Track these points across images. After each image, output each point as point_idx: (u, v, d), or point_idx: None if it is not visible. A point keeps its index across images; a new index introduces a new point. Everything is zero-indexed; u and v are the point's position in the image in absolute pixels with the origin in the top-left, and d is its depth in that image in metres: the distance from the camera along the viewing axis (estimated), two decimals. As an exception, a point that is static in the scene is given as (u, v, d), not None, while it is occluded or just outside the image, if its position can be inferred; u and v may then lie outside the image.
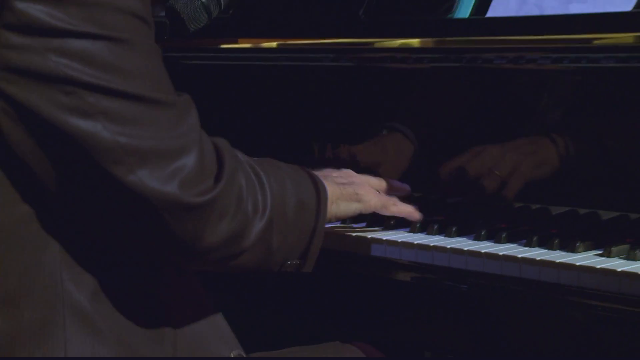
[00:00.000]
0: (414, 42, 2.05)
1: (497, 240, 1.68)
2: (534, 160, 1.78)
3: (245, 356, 1.53)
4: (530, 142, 1.80)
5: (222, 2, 1.64)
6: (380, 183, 1.75)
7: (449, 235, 1.74)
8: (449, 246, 1.68)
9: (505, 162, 1.79)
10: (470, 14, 1.96)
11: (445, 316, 1.75)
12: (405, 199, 1.85)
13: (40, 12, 1.16)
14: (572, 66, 1.77)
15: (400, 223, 1.83)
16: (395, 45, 2.09)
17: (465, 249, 1.65)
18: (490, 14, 1.93)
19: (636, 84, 1.69)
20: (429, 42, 2.02)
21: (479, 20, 1.94)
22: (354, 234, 1.81)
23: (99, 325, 1.30)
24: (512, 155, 1.79)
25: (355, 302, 1.83)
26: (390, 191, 1.78)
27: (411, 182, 1.91)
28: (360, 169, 1.89)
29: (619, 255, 1.55)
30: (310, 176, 1.55)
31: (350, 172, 1.74)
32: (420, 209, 1.83)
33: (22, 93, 1.18)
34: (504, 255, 1.60)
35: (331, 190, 1.59)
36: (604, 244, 1.60)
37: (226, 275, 1.74)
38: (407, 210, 1.75)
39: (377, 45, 2.10)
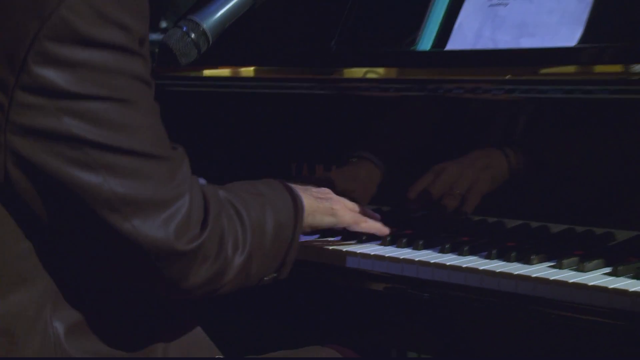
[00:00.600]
0: (380, 71, 2.09)
1: (460, 253, 1.69)
2: (488, 178, 1.81)
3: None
4: (485, 163, 1.83)
5: (210, 39, 1.66)
6: (354, 206, 1.78)
7: (416, 248, 1.75)
8: (417, 259, 1.69)
9: (464, 181, 1.82)
10: (432, 47, 1.98)
11: (413, 322, 1.77)
12: (378, 212, 1.88)
13: (54, 76, 1.18)
14: (523, 97, 1.82)
15: (372, 237, 1.84)
16: (361, 75, 2.12)
17: (432, 261, 1.67)
18: (449, 47, 1.95)
19: (580, 112, 1.75)
20: (393, 71, 2.08)
21: (439, 52, 1.97)
22: (330, 247, 1.82)
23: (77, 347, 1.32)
24: (469, 174, 1.82)
25: (331, 309, 1.85)
26: (363, 214, 1.80)
27: (380, 197, 1.95)
28: (333, 188, 1.90)
29: (569, 267, 1.58)
30: (289, 192, 1.58)
31: (328, 190, 1.77)
32: (389, 223, 1.86)
33: (33, 149, 1.20)
34: (467, 268, 1.63)
35: (308, 203, 1.62)
36: (556, 256, 1.63)
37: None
38: (377, 227, 1.79)
39: (346, 74, 2.13)
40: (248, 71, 2.20)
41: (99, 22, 1.20)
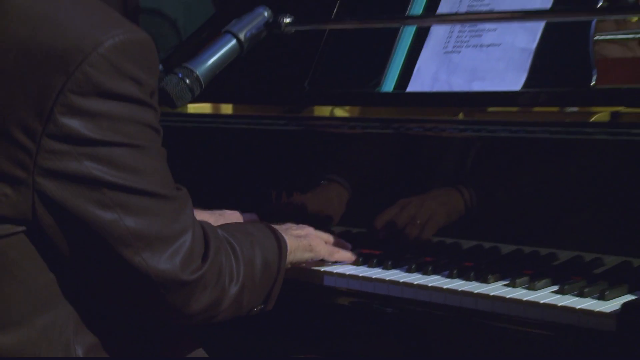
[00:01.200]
0: (349, 110, 2.14)
1: (425, 272, 1.68)
2: (446, 209, 1.82)
3: None
4: (443, 200, 1.84)
5: (203, 84, 1.67)
6: (329, 237, 1.79)
7: (385, 268, 1.74)
8: (387, 278, 1.68)
9: (424, 213, 1.82)
10: (394, 88, 1.99)
11: (384, 334, 1.76)
12: (348, 234, 1.90)
13: (77, 125, 1.18)
14: (474, 135, 1.83)
15: None
16: (331, 113, 2.16)
17: (401, 280, 1.66)
18: (410, 89, 1.97)
19: (523, 149, 1.77)
20: (360, 110, 2.11)
21: (401, 94, 1.98)
22: (310, 267, 1.79)
23: None
24: (429, 207, 1.83)
25: (311, 323, 1.84)
26: (336, 245, 1.81)
27: (351, 220, 1.95)
28: (308, 212, 1.95)
29: (521, 285, 1.58)
30: (273, 234, 1.58)
31: (306, 226, 1.77)
32: (360, 243, 1.88)
33: (58, 189, 1.20)
34: (432, 287, 1.62)
35: (290, 243, 1.62)
36: (509, 276, 1.63)
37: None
38: (347, 256, 1.78)
39: (317, 112, 2.16)
40: (228, 108, 2.22)
41: (117, 77, 1.21)
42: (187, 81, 1.65)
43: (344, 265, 1.80)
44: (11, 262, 1.24)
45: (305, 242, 1.71)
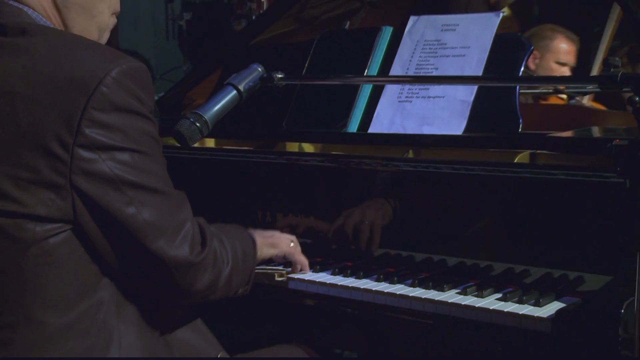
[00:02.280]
0: (319, 146, 2.12)
1: (391, 282, 1.67)
2: (381, 215, 1.83)
3: (229, 356, 1.58)
4: (379, 206, 1.85)
5: (210, 126, 1.67)
6: (292, 237, 1.79)
7: (358, 277, 1.72)
8: (361, 287, 1.67)
9: (367, 217, 1.84)
10: (357, 129, 1.99)
11: (354, 332, 1.77)
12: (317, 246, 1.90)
13: (100, 136, 1.25)
14: (423, 170, 1.84)
15: (323, 268, 1.82)
16: (305, 149, 2.15)
17: (373, 289, 1.65)
18: (371, 130, 1.96)
19: (463, 183, 1.78)
20: (329, 147, 2.08)
21: (363, 134, 1.97)
22: (295, 277, 1.77)
23: (133, 339, 1.36)
24: (370, 213, 1.85)
25: (296, 321, 1.84)
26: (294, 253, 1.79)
27: (328, 239, 1.93)
28: (280, 226, 1.95)
29: (471, 293, 1.58)
30: (248, 234, 1.61)
31: (274, 231, 1.79)
32: (336, 256, 1.89)
33: (89, 188, 1.25)
34: (399, 294, 1.61)
35: (259, 241, 1.64)
36: (459, 285, 1.64)
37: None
38: (303, 261, 1.77)
39: (293, 148, 2.14)
40: (222, 142, 2.21)
41: (124, 95, 1.27)
42: (198, 124, 1.65)
43: (323, 274, 1.78)
44: (62, 256, 1.27)
45: (270, 240, 1.73)
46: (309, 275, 1.76)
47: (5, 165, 1.23)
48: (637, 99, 1.26)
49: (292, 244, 1.78)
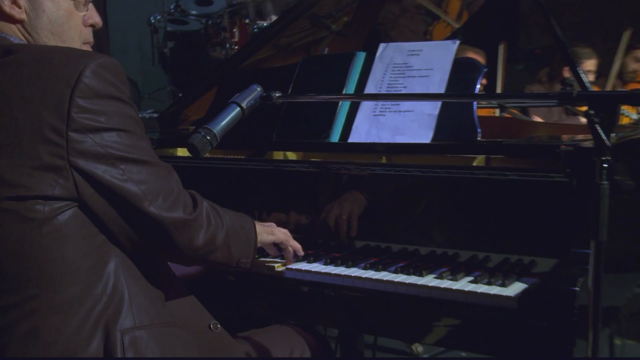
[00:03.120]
0: (305, 155, 2.13)
1: (377, 269, 1.67)
2: (361, 212, 1.84)
3: (219, 326, 1.56)
4: (359, 205, 1.85)
5: (219, 139, 1.66)
6: (286, 231, 1.77)
7: (347, 267, 1.71)
8: (352, 275, 1.65)
9: (350, 214, 1.85)
10: (339, 139, 1.99)
11: (347, 313, 1.73)
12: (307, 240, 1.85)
13: (87, 120, 1.26)
14: (395, 174, 1.83)
15: (317, 259, 1.79)
16: (293, 157, 2.15)
17: (363, 276, 1.64)
18: (350, 140, 1.97)
19: (430, 184, 1.78)
20: (314, 155, 2.09)
21: (344, 143, 1.97)
22: (294, 267, 1.75)
23: (142, 300, 1.35)
24: (352, 210, 1.85)
25: (292, 304, 1.80)
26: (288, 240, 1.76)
27: (316, 233, 1.93)
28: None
29: (446, 277, 1.59)
30: (246, 216, 1.61)
31: (271, 223, 1.77)
32: (326, 249, 1.87)
33: (86, 166, 1.26)
34: (386, 280, 1.60)
35: (258, 227, 1.63)
36: (435, 270, 1.65)
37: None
38: (297, 246, 1.75)
39: (283, 156, 2.14)
40: (218, 152, 2.16)
41: (103, 83, 1.29)
42: (208, 137, 1.64)
43: (317, 264, 1.76)
44: (72, 230, 1.26)
45: (268, 229, 1.71)
46: (304, 266, 1.74)
47: (10, 159, 1.23)
48: (591, 112, 1.28)
49: (284, 233, 1.77)
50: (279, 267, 1.75)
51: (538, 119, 3.69)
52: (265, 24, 5.75)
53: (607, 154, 1.29)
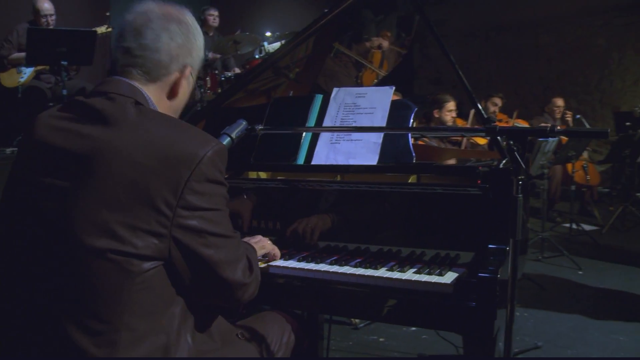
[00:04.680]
0: (276, 175, 2.07)
1: (340, 264, 1.61)
2: (322, 219, 1.79)
3: (245, 334, 1.45)
4: (321, 213, 1.79)
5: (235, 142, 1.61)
6: (270, 243, 1.68)
7: (317, 263, 1.63)
8: (322, 269, 1.59)
9: (313, 221, 1.79)
10: (304, 162, 1.94)
11: (315, 299, 1.64)
12: (281, 242, 1.79)
13: (195, 200, 1.14)
14: (348, 189, 1.80)
15: (291, 257, 1.71)
16: (266, 176, 2.10)
17: (330, 270, 1.58)
18: (313, 162, 1.92)
19: (375, 196, 1.74)
20: (283, 175, 2.03)
21: (308, 165, 1.92)
22: (273, 264, 1.66)
23: (190, 340, 1.23)
24: (314, 218, 1.78)
25: (278, 294, 1.68)
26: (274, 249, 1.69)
27: (286, 236, 1.85)
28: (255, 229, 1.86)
29: (395, 269, 1.54)
30: (252, 247, 1.47)
31: (258, 236, 1.68)
32: (296, 248, 1.79)
33: (183, 238, 1.14)
34: (349, 273, 1.55)
35: (256, 247, 1.52)
36: (386, 264, 1.60)
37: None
38: (278, 253, 1.68)
39: (258, 175, 2.08)
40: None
41: (214, 170, 1.18)
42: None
43: (291, 261, 1.69)
44: (154, 283, 1.15)
45: (260, 245, 1.62)
46: (282, 263, 1.68)
47: (125, 216, 1.10)
48: (511, 142, 1.28)
49: (270, 243, 1.70)
50: (262, 264, 1.67)
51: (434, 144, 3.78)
52: (229, 74, 5.68)
53: (522, 173, 1.29)
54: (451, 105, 4.87)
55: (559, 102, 6.98)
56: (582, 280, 4.23)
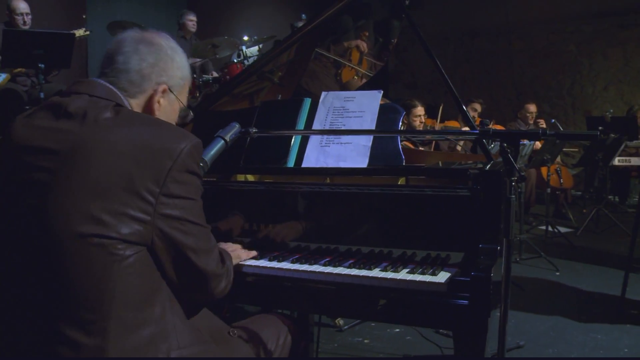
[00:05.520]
0: (266, 177, 2.07)
1: (335, 265, 1.63)
2: (311, 216, 1.80)
3: (235, 331, 1.49)
4: (309, 211, 1.79)
5: (209, 165, 1.59)
6: (241, 250, 1.73)
7: (302, 264, 1.64)
8: (308, 270, 1.59)
9: (302, 219, 1.80)
10: (294, 165, 1.96)
11: (302, 299, 1.66)
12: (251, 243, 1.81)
13: (176, 189, 1.20)
14: (338, 190, 1.79)
15: (274, 259, 1.71)
16: (256, 178, 2.10)
17: (317, 270, 1.60)
18: (303, 165, 1.94)
19: (364, 198, 1.74)
20: (274, 178, 2.05)
21: (298, 168, 1.94)
22: (252, 264, 1.68)
23: (181, 325, 1.27)
24: (302, 215, 1.79)
25: (268, 296, 1.70)
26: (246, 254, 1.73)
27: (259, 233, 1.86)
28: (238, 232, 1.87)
29: (389, 270, 1.56)
30: (228, 255, 1.47)
31: (232, 244, 1.75)
32: (272, 250, 1.80)
33: (164, 225, 1.19)
34: (344, 274, 1.55)
35: (232, 256, 1.54)
36: (380, 265, 1.60)
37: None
38: (252, 256, 1.72)
39: (247, 178, 2.08)
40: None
41: (193, 162, 1.24)
42: (201, 164, 1.54)
43: (260, 261, 1.71)
44: (138, 268, 1.18)
45: (235, 254, 1.66)
46: (276, 264, 1.69)
47: (109, 203, 1.14)
48: (504, 145, 1.32)
49: (242, 250, 1.74)
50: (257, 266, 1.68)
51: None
52: (208, 77, 5.67)
53: (515, 175, 1.33)
54: (419, 110, 5.01)
55: (532, 107, 7.15)
56: (559, 281, 4.34)
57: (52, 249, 1.13)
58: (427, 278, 1.50)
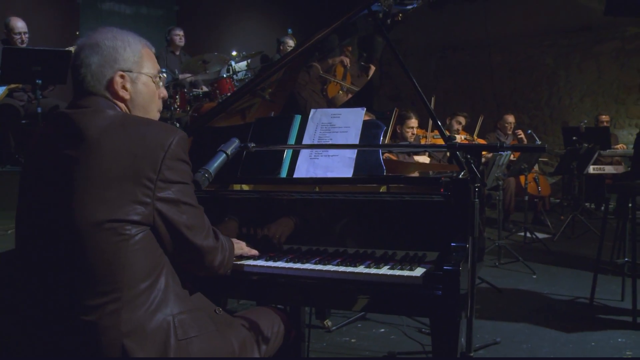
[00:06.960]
0: (261, 186, 2.22)
1: (324, 264, 1.76)
2: (302, 221, 1.94)
3: (221, 310, 1.63)
4: (300, 217, 1.92)
5: (213, 176, 1.73)
6: (249, 248, 1.89)
7: (295, 263, 1.78)
8: (302, 267, 1.75)
9: (294, 223, 1.95)
10: (286, 176, 2.11)
11: (294, 294, 1.81)
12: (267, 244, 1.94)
13: (170, 174, 1.40)
14: (327, 198, 1.94)
15: (270, 259, 1.84)
16: (252, 187, 2.24)
17: (308, 268, 1.75)
18: (295, 175, 2.10)
19: (350, 205, 1.88)
20: (268, 187, 2.18)
21: (290, 178, 2.10)
22: (251, 263, 1.83)
23: (179, 297, 1.45)
24: (295, 220, 1.95)
25: (263, 291, 1.85)
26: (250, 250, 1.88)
27: (259, 237, 1.99)
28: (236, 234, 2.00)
29: (372, 267, 1.70)
30: (232, 243, 1.69)
31: (238, 241, 1.88)
32: (269, 251, 1.93)
33: (162, 206, 1.40)
34: (333, 271, 1.71)
35: (235, 245, 1.75)
36: (363, 262, 1.74)
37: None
38: (253, 254, 1.88)
39: (244, 187, 2.24)
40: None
41: (182, 151, 1.45)
42: (206, 175, 1.72)
43: (279, 262, 1.85)
44: (144, 246, 1.38)
45: (238, 247, 1.83)
46: (272, 263, 1.85)
47: (116, 192, 1.34)
48: (468, 156, 1.54)
49: (248, 248, 1.89)
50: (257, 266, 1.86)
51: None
52: (198, 91, 5.86)
53: (478, 181, 1.55)
54: (412, 122, 5.23)
55: (510, 118, 7.43)
56: (536, 284, 4.57)
57: (71, 237, 1.31)
58: (405, 273, 1.69)
